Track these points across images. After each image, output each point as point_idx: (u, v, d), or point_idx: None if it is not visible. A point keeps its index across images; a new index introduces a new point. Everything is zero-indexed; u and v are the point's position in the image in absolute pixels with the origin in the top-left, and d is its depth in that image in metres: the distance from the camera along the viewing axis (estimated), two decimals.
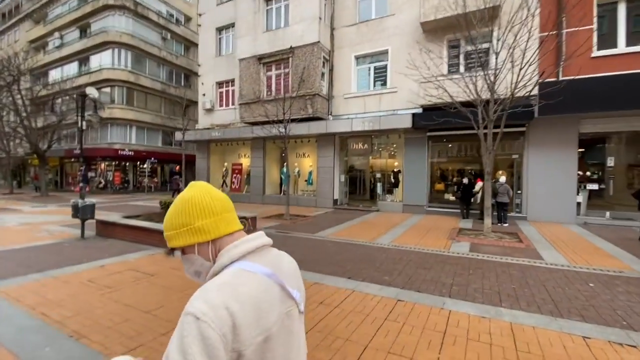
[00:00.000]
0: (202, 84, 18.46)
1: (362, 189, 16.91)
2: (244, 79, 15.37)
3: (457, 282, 4.63)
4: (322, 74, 13.80)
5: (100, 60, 24.23)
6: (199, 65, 18.94)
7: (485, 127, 7.99)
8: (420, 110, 11.79)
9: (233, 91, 17.39)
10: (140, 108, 25.25)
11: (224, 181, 18.65)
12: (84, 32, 26.36)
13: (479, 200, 10.64)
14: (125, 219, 7.57)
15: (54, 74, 27.67)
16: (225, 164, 18.60)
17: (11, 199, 18.86)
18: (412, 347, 2.87)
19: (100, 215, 7.83)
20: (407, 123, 11.68)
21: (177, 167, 29.44)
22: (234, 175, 18.18)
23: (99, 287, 4.28)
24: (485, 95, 7.94)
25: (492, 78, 7.74)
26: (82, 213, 7.19)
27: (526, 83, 7.33)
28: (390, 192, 13.76)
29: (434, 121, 9.89)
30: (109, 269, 5.08)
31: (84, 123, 11.29)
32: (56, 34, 27.69)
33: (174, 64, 27.95)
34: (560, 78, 9.47)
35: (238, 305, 0.70)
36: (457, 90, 8.40)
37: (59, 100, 23.14)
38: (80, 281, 4.49)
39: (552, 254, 6.30)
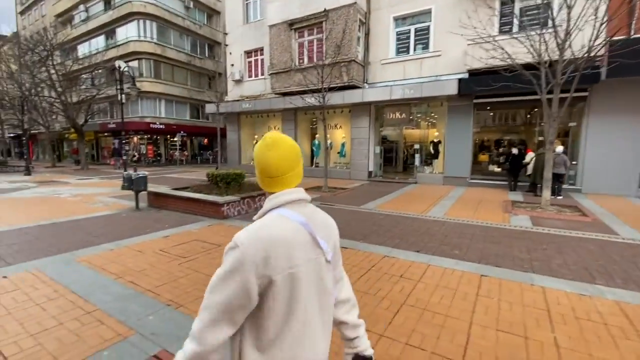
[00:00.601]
0: (230, 53, 18.02)
1: (395, 161, 16.53)
2: (275, 47, 14.81)
3: (534, 257, 4.38)
4: (358, 39, 13.04)
5: (127, 33, 24.10)
6: (225, 34, 18.41)
7: (550, 92, 7.30)
8: (466, 75, 11.01)
9: (263, 60, 16.91)
10: (167, 81, 25.26)
11: None
12: (108, 4, 26.08)
13: (529, 172, 10.06)
14: (176, 191, 7.68)
15: (82, 48, 27.91)
16: (256, 136, 18.52)
17: (55, 172, 19.82)
18: (519, 324, 2.71)
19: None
20: (453, 89, 10.95)
21: (206, 140, 29.81)
22: None
23: (173, 256, 4.35)
24: (553, 55, 7.17)
25: (562, 35, 6.94)
26: (136, 185, 7.34)
27: (605, 40, 6.51)
28: (428, 163, 13.29)
29: (489, 86, 9.15)
30: (175, 239, 5.17)
31: (123, 96, 11.36)
32: (81, 7, 27.60)
33: (197, 34, 27.42)
34: (633, 35, 8.44)
35: (271, 242, 0.86)
36: (516, 50, 7.63)
37: (91, 75, 23.50)
38: (153, 250, 4.59)
39: (626, 229, 5.86)
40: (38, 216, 6.85)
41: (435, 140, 12.89)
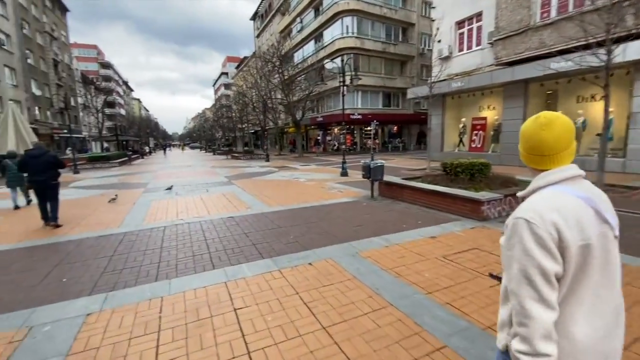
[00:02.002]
0: (437, 28, 16.13)
1: None
2: (503, 5, 11.98)
3: None
4: None
5: (332, 33, 26.58)
6: (432, 8, 16.79)
7: None
8: None
9: (479, 28, 14.32)
10: (364, 72, 26.27)
11: (461, 140, 16.41)
12: (317, 10, 29.64)
13: None
14: (417, 182, 6.97)
15: (297, 55, 33.25)
16: (463, 119, 16.19)
17: (282, 159, 24.51)
18: None
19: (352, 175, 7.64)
20: None
21: (395, 128, 29.64)
22: (475, 132, 15.56)
23: (470, 271, 3.38)
24: None
25: None
26: (373, 174, 7.13)
27: None
28: None
29: None
30: (446, 243, 4.27)
31: (345, 88, 11.92)
32: (297, 20, 32.72)
33: (392, 20, 27.10)
34: None
35: (559, 214, 0.85)
36: None
37: (302, 77, 27.52)
38: (434, 256, 3.82)
39: None
40: (298, 199, 7.73)
41: None
